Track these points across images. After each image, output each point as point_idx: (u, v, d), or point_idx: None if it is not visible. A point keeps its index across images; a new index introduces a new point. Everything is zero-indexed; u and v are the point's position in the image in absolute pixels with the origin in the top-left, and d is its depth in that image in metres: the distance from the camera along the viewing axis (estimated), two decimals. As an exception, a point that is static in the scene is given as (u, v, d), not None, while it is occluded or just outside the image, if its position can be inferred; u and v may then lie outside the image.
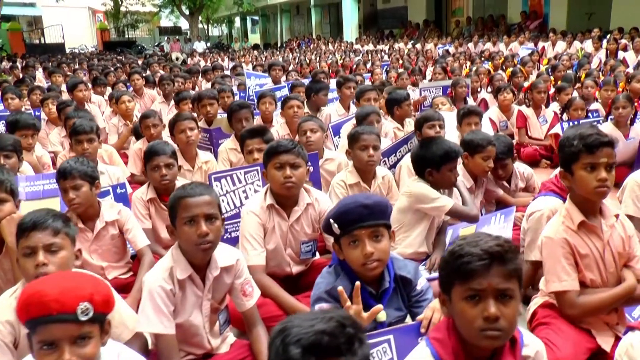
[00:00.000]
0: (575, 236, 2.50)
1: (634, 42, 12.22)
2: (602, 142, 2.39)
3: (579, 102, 6.17)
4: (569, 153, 2.47)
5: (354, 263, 2.20)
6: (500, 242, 1.65)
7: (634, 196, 3.59)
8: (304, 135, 4.49)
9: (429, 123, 4.31)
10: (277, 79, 8.88)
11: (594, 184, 2.41)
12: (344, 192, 3.80)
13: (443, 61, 11.04)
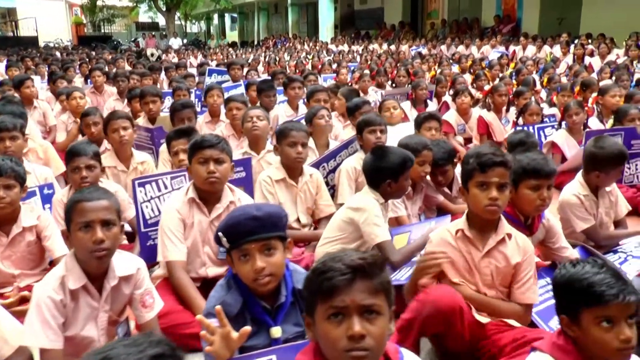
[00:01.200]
0: (454, 242, 2.58)
1: (599, 47, 12.27)
2: (495, 161, 2.43)
3: (535, 107, 6.11)
4: (465, 170, 2.54)
5: (244, 278, 2.09)
6: (365, 256, 1.55)
7: (576, 212, 3.57)
8: (250, 122, 4.49)
9: (369, 128, 4.19)
10: (237, 78, 8.72)
11: (484, 203, 2.46)
12: (270, 189, 3.75)
13: (409, 63, 10.97)
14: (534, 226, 2.99)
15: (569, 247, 3.19)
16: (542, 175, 2.83)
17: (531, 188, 2.83)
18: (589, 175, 3.60)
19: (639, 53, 11.29)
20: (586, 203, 3.57)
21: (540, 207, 2.86)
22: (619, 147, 3.56)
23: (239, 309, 2.08)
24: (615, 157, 3.48)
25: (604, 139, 3.65)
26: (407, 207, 3.79)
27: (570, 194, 3.60)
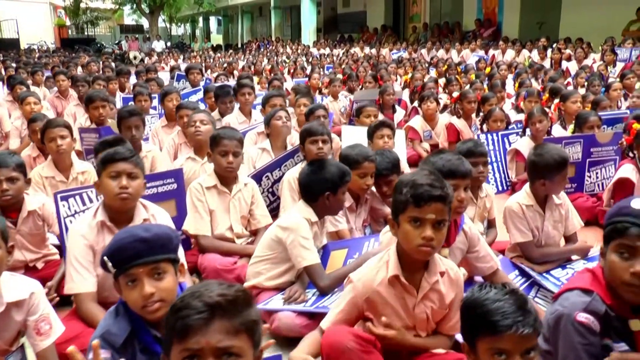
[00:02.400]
0: (385, 289, 2.29)
1: (576, 52, 12.23)
2: (432, 196, 2.11)
3: (498, 113, 5.98)
4: (397, 200, 2.22)
5: (133, 305, 1.93)
6: (227, 292, 1.40)
7: (515, 223, 3.44)
8: (193, 126, 4.43)
9: (311, 138, 4.04)
10: (196, 83, 8.52)
11: (417, 242, 2.15)
12: (199, 196, 3.62)
13: (382, 67, 10.85)
14: (451, 235, 2.83)
15: (494, 256, 3.06)
16: (458, 175, 2.73)
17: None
18: (534, 185, 3.47)
19: (614, 58, 11.25)
20: (529, 214, 3.43)
21: (457, 208, 2.72)
22: (559, 152, 3.42)
23: (128, 338, 1.92)
24: (555, 163, 3.34)
25: (543, 146, 3.53)
26: (349, 220, 3.64)
27: (514, 201, 3.48)
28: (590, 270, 2.14)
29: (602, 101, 6.61)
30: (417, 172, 2.27)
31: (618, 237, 1.96)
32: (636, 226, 1.91)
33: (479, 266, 3.00)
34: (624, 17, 13.67)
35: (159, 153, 5.01)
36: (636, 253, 1.92)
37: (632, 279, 1.91)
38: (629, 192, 4.57)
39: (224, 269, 3.40)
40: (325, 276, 3.00)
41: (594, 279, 2.08)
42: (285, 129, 4.73)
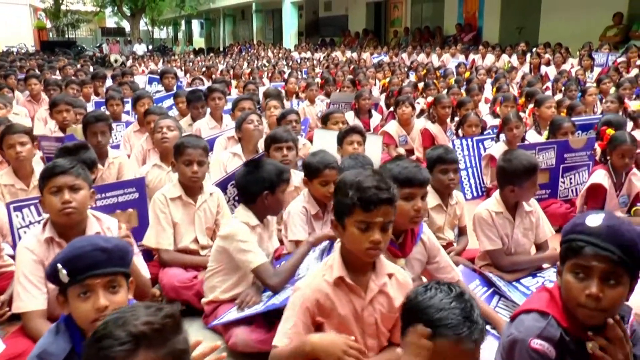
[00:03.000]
0: (332, 292, 2.19)
1: (554, 57, 12.28)
2: (381, 199, 2.06)
3: (473, 118, 5.94)
4: (342, 203, 2.13)
5: (81, 319, 1.84)
6: (154, 319, 1.31)
7: (484, 230, 3.37)
8: (160, 133, 4.35)
9: (276, 145, 3.96)
10: (170, 87, 8.38)
11: (365, 245, 2.09)
12: (163, 208, 3.47)
13: (361, 71, 10.79)
14: (407, 245, 2.75)
15: (454, 267, 3.00)
16: (415, 183, 2.63)
17: (404, 198, 2.58)
18: (504, 192, 3.41)
19: (591, 63, 11.31)
20: (498, 221, 3.37)
21: (414, 218, 2.64)
22: (528, 158, 3.35)
23: (67, 358, 1.82)
24: (524, 169, 3.27)
25: (512, 152, 3.47)
26: (315, 228, 3.55)
27: (483, 208, 3.41)
28: (548, 289, 2.06)
29: (577, 106, 6.61)
30: (360, 173, 2.15)
31: (573, 257, 1.86)
32: (591, 245, 1.80)
33: (440, 277, 2.92)
34: (601, 22, 13.78)
35: (127, 160, 4.89)
36: (592, 273, 1.81)
37: (587, 300, 1.81)
38: (601, 198, 4.55)
39: (183, 285, 3.27)
40: (273, 274, 2.92)
41: (551, 299, 2.00)
42: (256, 132, 4.63)
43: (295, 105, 8.69)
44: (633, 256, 1.80)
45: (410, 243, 2.75)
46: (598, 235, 1.81)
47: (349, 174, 2.17)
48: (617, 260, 1.77)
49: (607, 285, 1.80)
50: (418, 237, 2.82)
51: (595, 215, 1.88)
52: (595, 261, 1.79)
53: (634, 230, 1.84)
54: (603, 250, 1.78)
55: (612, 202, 4.57)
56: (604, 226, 1.82)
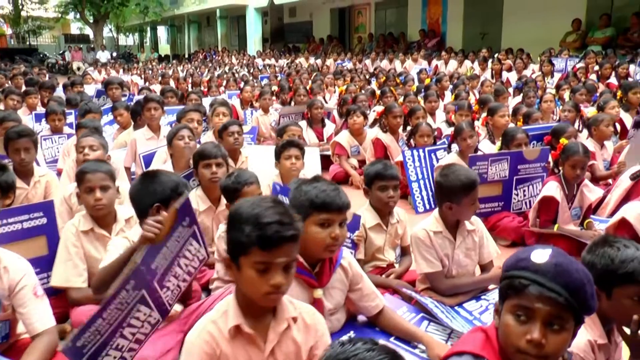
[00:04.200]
0: (228, 344, 1.86)
1: (515, 63, 12.23)
2: (284, 237, 1.75)
3: (425, 128, 5.72)
4: (236, 240, 1.79)
5: None
6: None
7: (422, 252, 3.13)
8: (81, 153, 4.10)
9: (204, 162, 3.70)
10: (116, 98, 8.01)
11: (264, 289, 1.78)
12: (74, 241, 3.09)
13: (319, 78, 10.56)
14: (324, 274, 2.49)
15: (379, 294, 2.75)
16: (334, 208, 2.36)
17: (320, 224, 2.35)
18: (442, 209, 3.18)
19: (551, 69, 11.27)
20: (437, 241, 3.13)
21: (331, 246, 2.38)
22: (466, 173, 3.11)
23: None
24: (462, 185, 3.04)
25: (450, 166, 3.23)
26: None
27: (421, 228, 3.17)
28: (483, 329, 1.81)
29: (533, 114, 6.47)
30: (258, 204, 1.81)
31: (515, 296, 1.62)
32: (536, 284, 1.57)
33: (363, 305, 2.68)
34: (561, 28, 13.84)
35: (55, 178, 4.54)
36: (534, 316, 1.58)
37: (528, 346, 1.58)
38: (553, 210, 4.37)
39: None
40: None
41: (486, 341, 1.75)
42: (187, 150, 4.33)
43: (248, 114, 8.45)
44: (580, 299, 1.58)
45: (328, 271, 2.50)
46: (544, 273, 1.58)
47: (246, 205, 1.83)
48: (564, 303, 1.55)
49: (550, 330, 1.57)
50: (337, 263, 2.56)
51: (541, 251, 1.64)
52: (539, 303, 1.57)
53: (583, 270, 1.63)
54: (549, 291, 1.55)
55: (565, 214, 4.39)
56: (551, 264, 1.60)
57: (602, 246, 2.14)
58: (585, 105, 7.64)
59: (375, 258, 3.53)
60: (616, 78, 9.95)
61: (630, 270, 2.03)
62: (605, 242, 2.15)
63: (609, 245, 2.12)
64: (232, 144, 5.06)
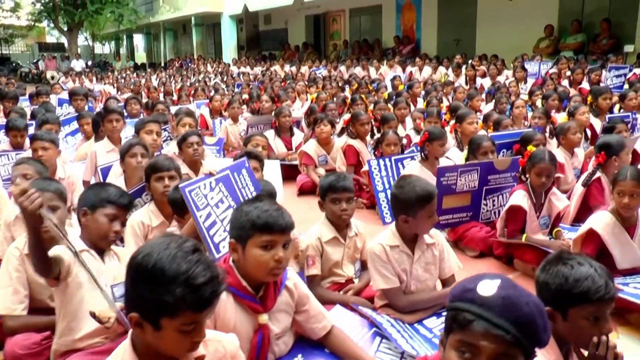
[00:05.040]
0: None
1: (489, 69, 12.20)
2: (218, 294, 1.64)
3: (392, 137, 5.58)
4: (159, 301, 1.60)
5: None
6: None
7: (378, 267, 2.99)
8: (36, 152, 4.17)
9: (156, 175, 3.54)
10: (80, 109, 7.76)
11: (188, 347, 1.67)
12: (19, 266, 2.87)
13: (289, 86, 10.42)
14: (269, 298, 2.34)
15: (326, 314, 2.60)
16: (276, 230, 2.22)
17: (262, 246, 2.21)
18: (398, 222, 3.05)
19: (524, 74, 11.25)
20: (394, 256, 2.99)
21: (275, 270, 2.23)
22: (423, 186, 2.96)
23: None
24: (417, 198, 2.91)
25: (406, 178, 3.10)
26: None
27: (377, 242, 3.03)
28: (427, 360, 1.68)
29: (503, 120, 6.37)
30: (177, 255, 1.60)
31: (459, 331, 1.48)
32: (482, 320, 1.43)
33: (310, 327, 2.53)
34: (534, 34, 13.88)
35: (4, 194, 4.32)
36: (479, 354, 1.44)
37: None
38: (521, 220, 4.25)
39: (27, 352, 2.72)
40: None
41: None
42: (140, 169, 4.08)
43: (217, 124, 8.28)
44: (531, 334, 1.44)
45: (273, 294, 2.35)
46: (491, 307, 1.44)
47: (164, 258, 1.59)
48: (512, 341, 1.41)
49: None
50: (282, 285, 2.41)
51: (488, 282, 1.50)
52: (484, 340, 1.42)
53: (534, 303, 1.48)
54: (495, 328, 1.41)
55: (533, 224, 4.28)
56: (499, 297, 1.45)
57: (555, 264, 2.02)
58: (557, 111, 7.60)
59: (333, 273, 3.38)
60: (589, 83, 9.94)
61: (584, 290, 1.91)
62: (558, 260, 2.03)
63: (563, 263, 2.00)
64: (192, 155, 4.91)
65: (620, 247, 3.65)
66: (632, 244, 3.67)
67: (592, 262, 1.99)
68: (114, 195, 2.75)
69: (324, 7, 21.52)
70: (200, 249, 1.68)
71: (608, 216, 3.70)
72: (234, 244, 2.26)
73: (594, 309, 1.92)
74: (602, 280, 1.93)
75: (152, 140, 4.88)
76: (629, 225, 3.69)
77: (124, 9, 29.58)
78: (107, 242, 2.73)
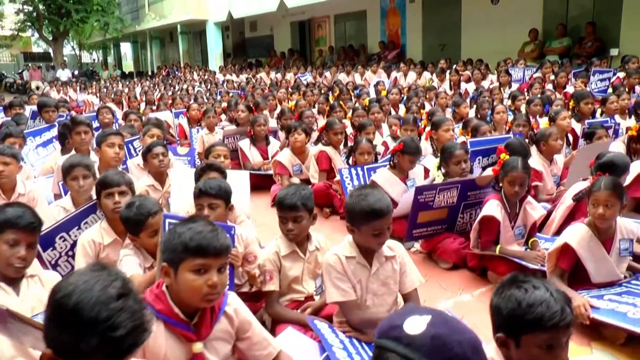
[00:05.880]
0: None
1: (473, 73, 12.09)
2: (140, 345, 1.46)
3: (365, 145, 5.42)
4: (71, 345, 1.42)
5: None
6: None
7: (332, 279, 2.82)
8: None
9: (106, 191, 3.38)
10: (51, 121, 7.54)
11: None
12: None
13: (270, 95, 10.25)
14: (203, 325, 2.17)
15: (271, 340, 2.43)
16: (210, 252, 2.06)
17: (195, 271, 2.05)
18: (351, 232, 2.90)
19: (508, 79, 11.14)
20: (349, 267, 2.82)
21: (208, 295, 2.06)
22: (372, 201, 2.74)
23: None
24: (362, 213, 2.73)
25: (360, 188, 2.92)
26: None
27: (332, 253, 2.87)
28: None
29: (481, 127, 6.23)
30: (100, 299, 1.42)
31: None
32: None
33: (254, 355, 2.36)
34: (519, 38, 13.76)
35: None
36: None
37: None
38: (494, 230, 4.10)
39: None
40: None
41: None
42: (83, 192, 3.86)
43: (194, 133, 8.11)
44: None
45: (209, 322, 2.17)
46: (418, 348, 1.25)
47: (85, 299, 1.41)
48: None
49: None
50: (220, 311, 2.23)
51: (417, 318, 1.30)
52: None
53: (468, 342, 1.27)
54: None
55: (507, 234, 4.13)
56: (428, 336, 1.26)
57: (509, 288, 1.85)
58: (540, 116, 7.48)
59: (293, 290, 3.21)
60: (573, 88, 9.84)
61: (538, 316, 1.75)
62: (512, 283, 1.86)
63: (517, 286, 1.83)
64: (157, 167, 4.75)
65: (595, 262, 3.51)
66: (608, 259, 3.53)
67: (548, 285, 1.83)
68: (12, 217, 2.52)
69: (308, 13, 21.39)
70: (129, 291, 1.48)
71: (584, 229, 3.54)
72: (166, 268, 2.10)
73: (548, 336, 1.76)
74: (557, 305, 1.77)
75: (114, 154, 4.68)
76: (606, 238, 3.54)
77: (109, 18, 29.34)
78: (14, 270, 2.52)
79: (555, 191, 5.30)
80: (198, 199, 3.34)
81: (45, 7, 29.92)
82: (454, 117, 7.91)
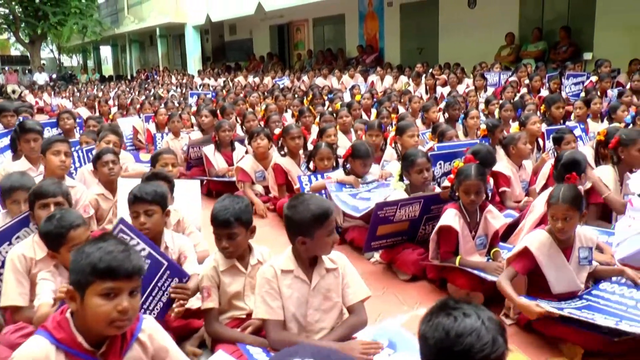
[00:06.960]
0: None
1: (449, 77, 11.99)
2: None
3: (324, 150, 5.27)
4: None
5: None
6: None
7: (262, 293, 2.73)
8: None
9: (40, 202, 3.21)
10: (10, 125, 7.29)
11: None
12: None
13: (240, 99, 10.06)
14: (111, 355, 1.99)
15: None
16: (121, 275, 1.90)
17: (104, 295, 1.89)
18: (295, 245, 2.75)
19: (483, 83, 11.05)
20: (285, 282, 2.68)
21: (117, 321, 1.90)
22: (318, 203, 2.67)
23: None
24: (313, 218, 2.62)
25: (298, 197, 2.80)
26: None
27: (268, 265, 2.74)
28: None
29: (448, 131, 6.10)
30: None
31: None
32: None
33: None
34: (496, 42, 13.72)
35: None
36: None
37: None
38: (453, 241, 3.94)
39: None
40: None
41: None
42: (15, 210, 3.58)
43: (158, 138, 7.91)
44: None
45: (118, 350, 2.00)
46: None
47: None
48: None
49: None
50: (133, 338, 2.06)
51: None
52: None
53: None
54: None
55: (468, 244, 3.97)
56: None
57: (437, 315, 1.66)
58: (513, 120, 7.38)
59: (233, 306, 3.04)
60: (548, 91, 9.78)
61: (467, 347, 1.56)
62: (442, 310, 1.67)
63: (447, 314, 1.64)
64: (107, 175, 4.57)
65: (555, 269, 3.38)
66: (568, 267, 3.40)
67: (481, 312, 1.65)
68: None
69: (287, 17, 21.23)
70: None
71: (544, 235, 3.42)
72: (71, 292, 1.92)
73: None
74: (489, 335, 1.59)
75: (59, 162, 4.45)
76: (566, 246, 3.42)
77: (87, 20, 28.96)
78: None
79: (524, 199, 5.17)
80: (133, 205, 3.17)
81: (22, 10, 29.48)
82: (423, 122, 7.79)
